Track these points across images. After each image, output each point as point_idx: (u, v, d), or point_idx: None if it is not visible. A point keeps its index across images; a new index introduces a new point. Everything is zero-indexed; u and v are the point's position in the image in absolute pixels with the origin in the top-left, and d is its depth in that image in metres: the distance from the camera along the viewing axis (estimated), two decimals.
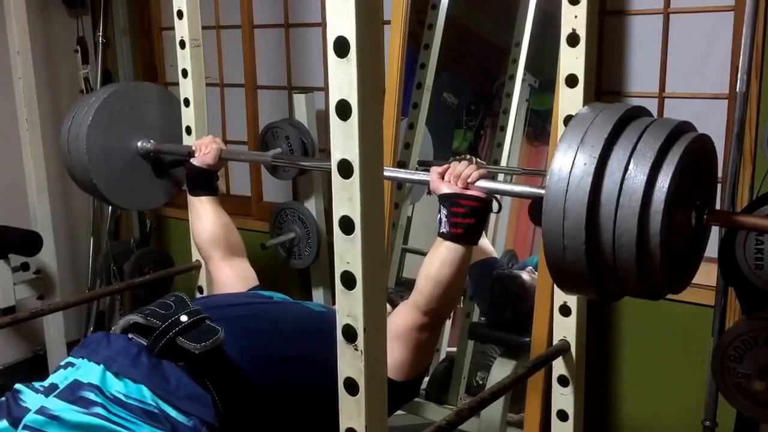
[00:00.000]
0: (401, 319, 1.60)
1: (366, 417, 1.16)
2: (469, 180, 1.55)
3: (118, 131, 2.26)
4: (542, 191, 1.24)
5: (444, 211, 1.55)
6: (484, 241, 2.38)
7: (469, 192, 1.54)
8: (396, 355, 1.56)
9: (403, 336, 1.59)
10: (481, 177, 1.55)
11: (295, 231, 2.83)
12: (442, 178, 1.58)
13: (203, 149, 2.09)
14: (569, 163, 1.19)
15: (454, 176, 1.56)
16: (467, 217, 1.52)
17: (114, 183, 2.28)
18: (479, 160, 2.44)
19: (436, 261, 1.55)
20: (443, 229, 1.55)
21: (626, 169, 1.17)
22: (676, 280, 1.28)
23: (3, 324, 2.09)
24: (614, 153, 1.19)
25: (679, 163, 1.17)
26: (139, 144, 2.31)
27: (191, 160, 2.11)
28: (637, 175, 1.16)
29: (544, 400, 2.17)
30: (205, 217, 2.06)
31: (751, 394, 1.64)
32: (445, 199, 1.55)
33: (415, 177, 1.87)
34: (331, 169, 1.10)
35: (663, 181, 1.16)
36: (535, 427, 2.22)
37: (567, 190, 1.18)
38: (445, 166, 1.59)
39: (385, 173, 1.33)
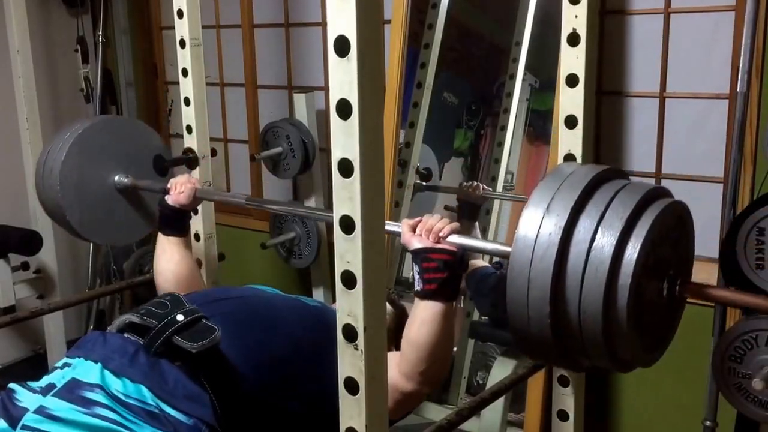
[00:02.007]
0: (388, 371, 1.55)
1: (366, 416, 1.16)
2: (441, 234, 1.48)
3: (95, 166, 2.21)
4: (510, 249, 1.19)
5: (416, 268, 1.47)
6: (477, 235, 2.38)
7: (440, 246, 1.47)
8: None
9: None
10: (453, 231, 1.49)
11: (295, 231, 2.83)
12: (414, 231, 1.51)
13: (178, 188, 2.04)
14: (535, 230, 1.15)
15: (426, 230, 1.49)
16: (439, 272, 1.44)
17: (88, 218, 2.21)
18: (484, 186, 2.46)
19: (414, 323, 1.47)
20: (417, 287, 1.47)
21: (593, 239, 1.12)
22: (646, 353, 1.23)
23: (3, 323, 2.09)
24: (581, 222, 1.15)
25: (648, 234, 1.13)
26: (116, 178, 2.25)
27: (165, 198, 2.05)
28: (604, 246, 1.11)
29: (544, 399, 2.17)
30: (171, 256, 2.00)
31: (752, 394, 1.64)
32: (417, 255, 1.47)
33: (387, 228, 1.76)
34: (332, 220, 1.10)
35: (631, 254, 1.11)
36: (535, 426, 2.22)
37: (532, 260, 1.14)
38: (417, 219, 1.53)
39: None
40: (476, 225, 2.48)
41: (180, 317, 1.47)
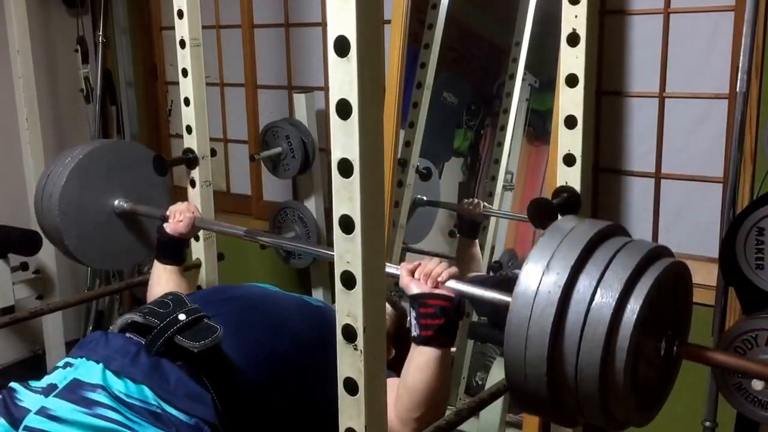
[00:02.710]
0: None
1: (366, 417, 1.16)
2: (439, 279, 1.47)
3: (95, 191, 2.21)
4: (509, 299, 1.17)
5: (413, 313, 1.46)
6: (477, 259, 2.41)
7: (437, 291, 1.46)
8: None
9: None
10: (452, 276, 1.48)
11: (295, 230, 2.83)
12: (413, 275, 1.50)
13: (177, 216, 2.03)
14: (534, 287, 1.14)
15: (424, 275, 1.48)
16: (436, 318, 1.43)
17: (86, 243, 2.22)
18: (485, 204, 2.46)
19: (410, 368, 1.46)
20: (414, 333, 1.46)
21: (592, 299, 1.12)
22: (641, 412, 1.22)
23: (2, 324, 2.09)
24: (581, 281, 1.14)
25: (647, 295, 1.12)
26: (115, 203, 2.25)
27: (164, 225, 2.04)
28: (603, 307, 1.11)
29: None
30: (166, 284, 1.98)
31: (751, 395, 1.64)
32: (414, 300, 1.46)
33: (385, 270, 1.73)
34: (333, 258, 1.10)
35: (630, 315, 1.10)
36: (534, 427, 2.21)
37: (530, 317, 1.13)
38: (416, 263, 1.52)
39: None
40: (476, 242, 2.48)
41: (182, 316, 1.47)
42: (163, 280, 2.00)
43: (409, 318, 1.49)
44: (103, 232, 2.24)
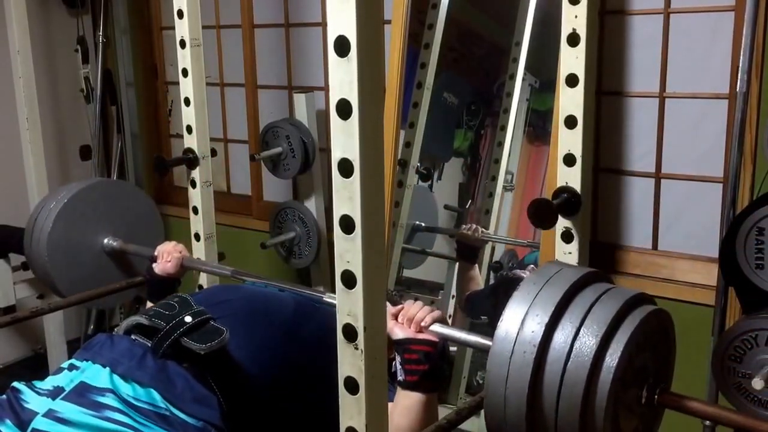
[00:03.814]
0: None
1: (366, 416, 1.16)
2: (423, 324, 1.47)
3: (83, 231, 2.23)
4: (490, 343, 1.17)
5: (398, 358, 1.47)
6: (477, 281, 2.43)
7: (420, 336, 1.46)
8: None
9: None
10: (435, 321, 1.47)
11: (295, 230, 2.83)
12: (396, 318, 1.50)
13: (165, 257, 2.05)
14: (509, 349, 1.13)
15: (407, 318, 1.48)
16: (420, 364, 1.44)
17: (77, 285, 2.23)
18: (483, 229, 2.48)
19: (397, 410, 1.45)
20: (400, 377, 1.46)
21: (572, 346, 1.11)
22: None
23: (3, 323, 2.09)
24: (561, 326, 1.13)
25: (623, 352, 1.11)
26: (105, 241, 2.27)
27: (153, 265, 2.06)
28: (583, 354, 1.10)
29: None
30: None
31: (752, 394, 1.64)
32: (398, 345, 1.47)
33: None
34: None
35: (606, 375, 1.09)
36: None
37: (507, 378, 1.12)
38: (399, 306, 1.52)
39: None
40: (476, 267, 2.49)
41: (188, 318, 1.47)
42: None
43: (394, 363, 1.49)
44: (93, 272, 2.27)
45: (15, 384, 1.41)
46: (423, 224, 2.66)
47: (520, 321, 1.14)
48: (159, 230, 2.44)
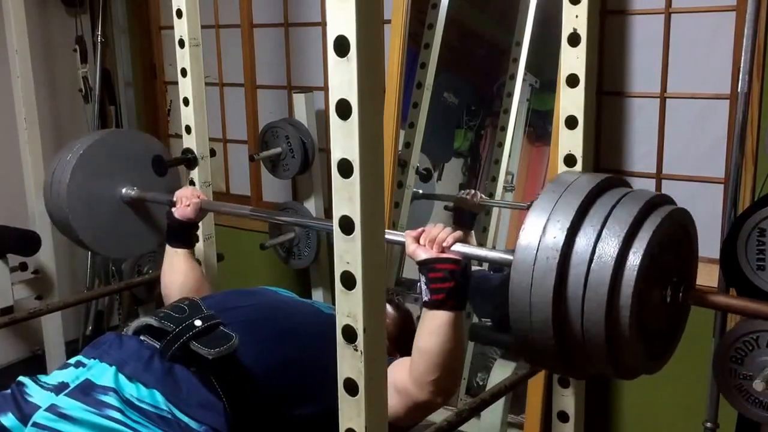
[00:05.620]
0: (400, 375, 1.49)
1: (366, 417, 1.15)
2: (445, 244, 1.48)
3: (101, 182, 2.22)
4: (512, 257, 1.17)
5: (423, 279, 1.48)
6: (472, 242, 2.37)
7: (444, 255, 1.47)
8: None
9: (399, 394, 1.48)
10: (456, 241, 1.48)
11: (294, 231, 2.82)
12: (418, 241, 1.51)
13: (184, 201, 2.04)
14: (537, 239, 1.13)
15: (429, 240, 1.49)
16: (446, 281, 1.44)
17: (100, 235, 2.23)
18: (482, 195, 2.46)
19: (423, 332, 1.47)
20: (425, 297, 1.47)
21: (594, 248, 1.11)
22: (650, 360, 1.23)
23: (1, 324, 2.09)
24: (583, 231, 1.13)
25: (649, 242, 1.11)
26: (123, 191, 2.26)
27: (172, 210, 2.06)
28: (606, 255, 1.10)
29: (544, 401, 2.17)
30: (178, 268, 2.00)
31: (753, 396, 1.63)
32: (423, 266, 1.48)
33: (390, 237, 1.63)
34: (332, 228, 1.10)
35: (633, 262, 1.10)
36: (535, 428, 2.21)
37: (534, 269, 1.13)
38: (420, 230, 1.53)
39: None
40: (472, 234, 2.47)
41: (198, 322, 1.47)
42: (175, 264, 2.02)
43: (419, 285, 1.49)
44: (114, 222, 2.26)
45: (20, 378, 1.43)
46: (420, 191, 2.65)
47: (541, 228, 1.14)
48: (174, 175, 2.43)
